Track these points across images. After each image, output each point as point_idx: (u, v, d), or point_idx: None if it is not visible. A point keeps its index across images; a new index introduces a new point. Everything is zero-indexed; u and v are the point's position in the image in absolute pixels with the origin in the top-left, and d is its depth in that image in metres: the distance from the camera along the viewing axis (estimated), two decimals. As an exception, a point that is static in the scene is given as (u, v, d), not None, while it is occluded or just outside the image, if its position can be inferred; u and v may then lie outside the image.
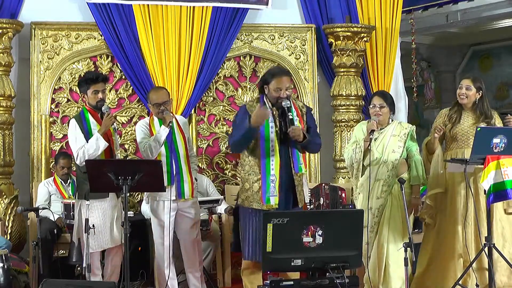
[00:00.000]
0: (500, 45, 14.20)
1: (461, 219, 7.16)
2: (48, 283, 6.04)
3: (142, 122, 7.47)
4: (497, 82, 14.36)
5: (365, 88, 9.49)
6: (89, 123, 7.09)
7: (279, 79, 6.56)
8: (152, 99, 7.28)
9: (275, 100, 6.54)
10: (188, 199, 7.33)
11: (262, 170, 6.49)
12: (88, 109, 7.14)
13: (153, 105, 7.26)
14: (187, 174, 7.32)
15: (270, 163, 6.48)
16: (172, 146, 7.25)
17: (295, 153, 6.57)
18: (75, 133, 7.07)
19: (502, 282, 7.09)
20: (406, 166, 7.22)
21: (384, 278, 7.16)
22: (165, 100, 7.26)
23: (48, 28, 8.78)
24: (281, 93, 6.50)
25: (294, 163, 6.55)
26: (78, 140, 7.04)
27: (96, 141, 6.96)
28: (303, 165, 6.62)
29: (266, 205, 6.46)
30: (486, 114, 7.22)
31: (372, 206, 7.13)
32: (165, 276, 7.28)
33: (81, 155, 6.98)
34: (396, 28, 9.70)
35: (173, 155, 7.24)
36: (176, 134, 7.31)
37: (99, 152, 6.98)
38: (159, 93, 7.35)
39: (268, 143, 6.50)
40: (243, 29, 9.19)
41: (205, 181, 8.77)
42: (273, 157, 6.49)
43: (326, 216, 5.46)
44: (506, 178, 6.74)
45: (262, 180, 6.48)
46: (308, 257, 5.23)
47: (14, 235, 8.29)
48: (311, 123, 6.74)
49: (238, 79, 9.28)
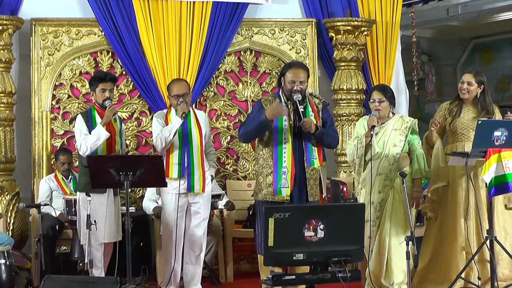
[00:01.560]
0: (501, 38, 14.20)
1: (463, 213, 7.18)
2: (51, 279, 6.05)
3: (158, 113, 7.54)
4: (498, 75, 14.37)
5: (366, 82, 9.49)
6: (94, 119, 7.23)
7: (295, 71, 6.68)
8: (172, 91, 7.32)
9: (289, 93, 6.62)
10: (198, 193, 7.33)
11: (275, 162, 6.57)
12: (96, 108, 7.31)
13: (172, 96, 7.31)
14: (199, 168, 7.32)
15: (282, 156, 6.55)
16: (186, 139, 7.29)
17: (308, 147, 6.63)
18: (80, 126, 7.23)
19: (504, 275, 7.12)
20: (408, 159, 7.22)
21: (386, 272, 7.18)
22: (184, 92, 7.32)
23: (49, 24, 8.78)
24: (295, 86, 6.58)
25: (306, 156, 6.60)
26: (82, 132, 7.20)
27: (97, 131, 7.09)
28: (317, 160, 6.65)
29: (277, 196, 6.53)
30: (487, 109, 7.21)
31: (374, 200, 7.14)
32: (171, 270, 7.28)
33: (83, 145, 7.12)
34: (396, 22, 9.70)
35: (186, 148, 7.27)
36: (192, 128, 7.34)
37: (100, 141, 7.09)
38: (179, 85, 7.41)
39: (281, 136, 6.57)
40: (243, 24, 9.19)
41: None
42: (285, 150, 6.56)
43: (327, 210, 5.45)
44: (508, 171, 6.74)
45: (274, 172, 6.56)
46: (310, 252, 5.22)
47: (16, 232, 8.33)
48: (327, 118, 6.84)
49: (238, 74, 9.27)
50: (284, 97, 6.67)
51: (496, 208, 7.11)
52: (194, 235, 7.39)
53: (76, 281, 6.17)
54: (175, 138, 7.22)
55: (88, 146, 7.09)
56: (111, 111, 7.16)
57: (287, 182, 6.53)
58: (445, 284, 7.03)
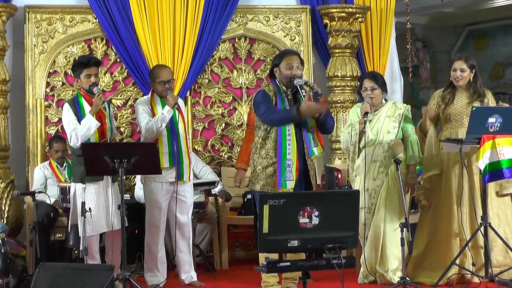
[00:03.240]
0: (495, 25, 14.21)
1: (456, 199, 7.19)
2: (45, 266, 6.03)
3: (142, 100, 7.48)
4: (492, 62, 14.39)
5: (360, 69, 9.50)
6: (82, 107, 7.12)
7: (289, 57, 6.64)
8: (158, 76, 7.28)
9: (288, 80, 6.57)
10: (186, 181, 7.38)
11: (278, 154, 6.49)
12: (82, 94, 7.17)
13: (158, 82, 7.27)
14: (186, 157, 7.36)
15: (287, 147, 6.48)
16: (173, 128, 7.29)
17: (307, 137, 6.57)
18: (68, 116, 7.11)
19: (498, 262, 7.14)
20: (403, 146, 7.26)
21: (381, 259, 7.22)
22: (170, 78, 7.32)
23: (42, 11, 8.77)
24: (293, 70, 6.53)
25: (307, 147, 6.55)
26: (71, 123, 7.07)
27: (87, 122, 6.99)
28: (318, 147, 6.59)
29: (281, 189, 6.46)
30: (479, 92, 7.24)
31: (369, 187, 7.18)
32: (157, 261, 7.33)
33: (74, 137, 7.02)
34: (391, 9, 9.69)
35: (174, 137, 7.28)
36: (177, 116, 7.33)
37: (91, 131, 7.01)
38: (165, 71, 7.41)
39: (285, 127, 6.49)
40: (237, 11, 9.18)
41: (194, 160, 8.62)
42: (290, 141, 6.48)
43: (322, 197, 5.43)
44: (502, 158, 6.78)
45: (277, 164, 6.48)
46: (305, 238, 5.22)
47: (11, 219, 8.35)
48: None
49: (233, 61, 9.27)
50: (282, 87, 6.60)
51: (490, 194, 7.13)
52: (182, 222, 7.42)
53: (71, 268, 6.15)
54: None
55: (79, 137, 6.98)
56: (100, 99, 7.03)
57: (292, 174, 6.46)
58: (439, 270, 7.04)
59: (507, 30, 14.09)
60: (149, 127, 7.15)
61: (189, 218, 7.48)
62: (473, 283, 7.00)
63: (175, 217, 7.33)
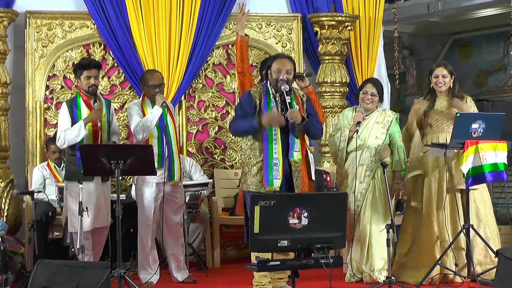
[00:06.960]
0: (480, 34, 14.17)
1: (437, 201, 7.31)
2: (43, 263, 6.09)
3: (134, 103, 7.62)
4: (476, 70, 14.38)
5: (349, 75, 9.62)
6: (79, 108, 7.27)
7: (280, 60, 6.71)
8: (150, 81, 7.43)
9: (275, 83, 6.63)
10: (177, 182, 7.51)
11: (265, 153, 6.54)
12: (82, 95, 7.31)
13: (148, 86, 7.42)
14: (177, 158, 7.48)
15: (273, 148, 6.53)
16: (164, 129, 7.42)
17: (291, 140, 6.62)
18: (63, 116, 7.28)
19: (479, 261, 7.24)
20: (389, 150, 7.38)
21: (367, 258, 7.33)
22: (161, 83, 7.48)
23: (43, 17, 8.83)
24: (281, 75, 6.58)
25: (289, 149, 6.59)
26: (64, 123, 7.23)
27: (78, 129, 7.13)
28: (298, 153, 6.61)
29: (268, 187, 6.52)
30: (457, 97, 7.38)
31: (355, 190, 7.26)
32: (150, 259, 7.45)
33: (62, 138, 7.18)
34: (379, 17, 9.81)
35: (165, 138, 7.40)
36: (168, 118, 7.47)
37: (78, 139, 7.12)
38: (155, 75, 7.57)
39: (271, 128, 6.55)
40: (231, 18, 9.23)
41: (189, 163, 8.80)
42: (276, 142, 6.54)
43: (311, 199, 5.54)
44: (484, 162, 6.93)
45: (264, 163, 6.53)
46: (294, 238, 5.31)
47: (10, 218, 8.40)
48: (311, 111, 6.83)
49: (226, 67, 9.36)
50: (272, 89, 6.66)
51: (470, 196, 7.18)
52: (173, 222, 7.54)
53: (68, 265, 6.19)
54: (154, 129, 7.35)
55: (67, 140, 7.13)
56: (96, 113, 7.20)
57: (279, 173, 6.51)
58: (423, 270, 7.14)
59: (490, 39, 14.07)
60: (139, 126, 7.28)
61: (180, 217, 7.59)
62: (455, 283, 7.11)
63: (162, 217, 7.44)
